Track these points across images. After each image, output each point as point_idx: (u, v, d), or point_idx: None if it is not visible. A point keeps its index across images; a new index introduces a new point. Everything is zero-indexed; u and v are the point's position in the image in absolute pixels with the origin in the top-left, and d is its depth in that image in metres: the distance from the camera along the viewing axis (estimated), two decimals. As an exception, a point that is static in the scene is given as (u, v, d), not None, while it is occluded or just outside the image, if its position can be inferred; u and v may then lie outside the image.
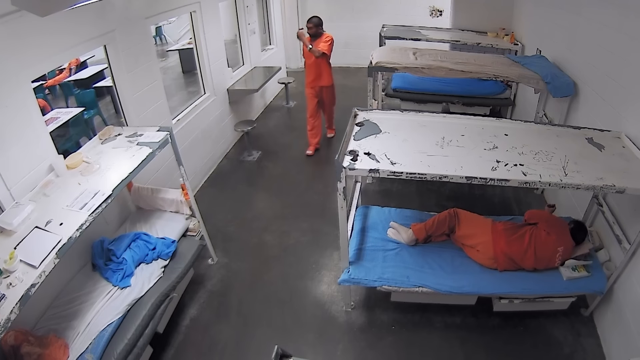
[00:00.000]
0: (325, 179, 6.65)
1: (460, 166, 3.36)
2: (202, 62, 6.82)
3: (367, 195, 6.08)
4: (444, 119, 4.20)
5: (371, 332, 4.24)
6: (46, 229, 3.04)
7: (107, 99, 8.50)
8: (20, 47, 3.42)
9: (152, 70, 5.29)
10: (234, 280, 4.93)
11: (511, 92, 7.55)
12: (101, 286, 3.88)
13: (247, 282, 4.88)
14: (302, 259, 5.17)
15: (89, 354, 3.30)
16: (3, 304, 2.57)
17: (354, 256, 4.24)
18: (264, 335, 4.24)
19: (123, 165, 3.67)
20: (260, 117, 9.24)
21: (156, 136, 4.06)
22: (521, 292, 3.94)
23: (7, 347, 3.06)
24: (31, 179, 3.55)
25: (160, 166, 5.38)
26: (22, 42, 3.44)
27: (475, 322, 4.24)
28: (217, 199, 6.37)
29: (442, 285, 3.94)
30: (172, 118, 5.97)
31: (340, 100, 7.80)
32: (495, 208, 5.79)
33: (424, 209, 5.03)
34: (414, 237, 4.34)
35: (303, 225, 5.72)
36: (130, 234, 4.31)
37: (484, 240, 4.10)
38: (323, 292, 4.72)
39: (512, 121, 4.23)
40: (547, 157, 3.52)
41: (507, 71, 5.45)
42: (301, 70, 11.61)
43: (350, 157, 3.49)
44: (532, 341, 4.05)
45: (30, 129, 3.62)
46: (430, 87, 7.56)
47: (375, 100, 6.46)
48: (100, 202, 3.23)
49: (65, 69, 8.99)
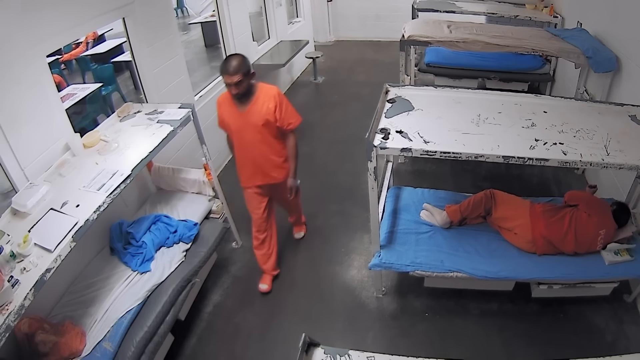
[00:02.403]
0: (355, 158, 6.44)
1: (497, 145, 3.26)
2: (226, 36, 6.68)
3: (399, 176, 5.96)
4: (480, 95, 4.08)
5: (403, 319, 4.15)
6: (62, 211, 2.98)
7: (125, 75, 8.41)
8: (34, 20, 3.32)
9: (173, 44, 5.18)
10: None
11: (550, 67, 7.34)
12: (120, 271, 3.81)
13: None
14: (330, 243, 5.07)
15: (107, 342, 3.22)
16: (17, 289, 2.53)
17: (386, 239, 4.14)
18: (290, 323, 4.16)
19: (143, 144, 3.60)
20: (287, 93, 9.08)
21: (177, 113, 3.98)
22: (561, 277, 3.82)
23: (21, 335, 3.00)
24: (46, 159, 3.48)
25: (182, 145, 5.31)
26: (37, 15, 3.33)
27: (513, 309, 4.12)
28: None
29: (478, 270, 3.83)
30: (195, 94, 5.88)
31: (371, 76, 7.63)
32: (533, 189, 5.62)
33: (458, 189, 4.94)
34: (448, 220, 4.23)
35: (332, 207, 5.61)
36: (150, 216, 4.23)
37: (521, 223, 3.99)
38: (353, 277, 4.62)
39: (552, 98, 4.15)
40: (588, 136, 3.37)
41: (546, 45, 5.33)
42: (330, 44, 11.43)
43: (382, 135, 3.40)
44: (572, 328, 3.92)
45: (45, 106, 3.54)
46: (466, 61, 7.38)
47: (408, 76, 6.33)
48: (119, 183, 3.17)
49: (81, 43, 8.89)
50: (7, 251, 2.67)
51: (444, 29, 5.74)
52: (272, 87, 3.88)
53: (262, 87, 3.85)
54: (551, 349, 3.72)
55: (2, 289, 2.44)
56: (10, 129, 3.19)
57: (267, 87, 3.86)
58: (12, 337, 2.88)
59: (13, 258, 2.66)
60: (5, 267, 2.62)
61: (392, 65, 8.29)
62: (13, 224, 2.96)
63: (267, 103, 3.79)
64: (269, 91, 3.83)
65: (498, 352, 3.79)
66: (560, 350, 3.71)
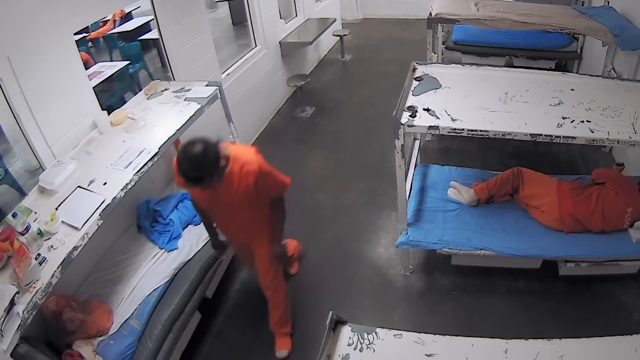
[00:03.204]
0: (383, 136, 6.37)
1: (524, 123, 3.27)
2: (253, 13, 6.63)
3: (426, 154, 5.84)
4: (507, 73, 4.09)
5: (430, 297, 4.12)
6: (89, 189, 3.01)
7: (153, 52, 8.35)
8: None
9: (200, 21, 5.14)
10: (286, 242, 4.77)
11: (577, 45, 7.17)
12: (147, 249, 3.83)
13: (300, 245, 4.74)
14: (358, 221, 5.03)
15: (134, 319, 3.24)
16: (44, 267, 2.55)
17: (413, 217, 4.13)
18: (317, 301, 4.15)
19: (170, 121, 3.61)
20: (314, 71, 9.00)
21: (205, 91, 3.98)
22: (588, 255, 3.79)
23: (49, 312, 3.01)
24: (73, 137, 3.50)
25: (209, 123, 5.16)
26: (65, -7, 3.32)
27: (540, 287, 4.08)
28: (268, 158, 5.98)
29: (506, 247, 3.81)
30: (222, 72, 5.84)
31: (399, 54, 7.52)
32: (560, 167, 5.51)
33: (486, 167, 4.88)
34: (475, 197, 4.22)
35: (359, 185, 5.55)
36: (177, 194, 4.23)
37: (549, 201, 3.97)
38: (380, 255, 4.59)
39: (579, 75, 4.11)
40: (616, 113, 3.36)
41: (573, 23, 5.28)
42: (358, 22, 11.29)
43: (409, 113, 3.42)
44: (599, 307, 3.87)
45: (73, 84, 3.54)
46: (493, 39, 7.24)
47: (435, 54, 6.24)
48: (146, 161, 3.19)
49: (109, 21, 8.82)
50: (35, 229, 2.70)
51: (472, 6, 5.68)
52: (252, 161, 2.91)
53: (237, 159, 2.85)
54: (578, 327, 3.68)
55: (29, 267, 2.46)
56: (37, 107, 3.19)
57: (245, 161, 2.88)
58: (39, 315, 2.87)
59: (40, 236, 2.69)
60: (33, 245, 2.65)
61: (419, 43, 8.12)
62: (40, 201, 2.98)
63: (246, 179, 2.88)
64: (248, 167, 2.87)
65: (525, 329, 3.75)
66: (587, 328, 3.65)
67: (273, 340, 3.70)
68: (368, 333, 2.16)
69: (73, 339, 3.03)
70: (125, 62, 6.87)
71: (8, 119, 3.19)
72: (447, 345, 2.08)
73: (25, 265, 2.45)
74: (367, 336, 2.15)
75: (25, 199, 3.03)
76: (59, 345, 3.05)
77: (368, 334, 2.16)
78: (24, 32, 3.08)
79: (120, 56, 7.66)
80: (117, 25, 8.80)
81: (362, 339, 2.15)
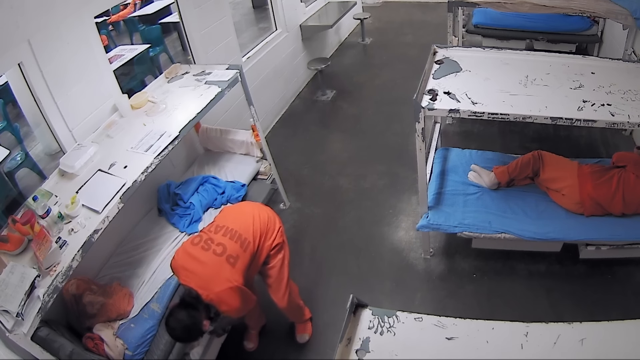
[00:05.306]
0: (403, 120, 6.35)
1: (545, 106, 3.24)
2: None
3: (446, 137, 5.83)
4: (528, 56, 4.04)
5: (451, 280, 4.13)
6: (110, 172, 3.01)
7: (173, 36, 8.31)
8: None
9: (220, 5, 5.10)
10: (307, 225, 4.84)
11: (598, 29, 7.05)
12: (167, 232, 3.83)
13: (321, 228, 4.80)
14: (378, 204, 5.03)
15: (155, 303, 3.23)
16: (64, 250, 2.55)
17: (433, 201, 4.13)
18: (338, 284, 4.17)
19: (190, 105, 3.58)
20: (335, 54, 8.95)
21: (225, 74, 3.94)
22: (609, 238, 3.76)
23: (69, 295, 3.03)
24: (94, 120, 3.49)
25: (230, 106, 5.27)
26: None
27: (561, 270, 4.07)
28: (289, 141, 6.27)
29: (526, 231, 3.81)
30: (242, 56, 5.81)
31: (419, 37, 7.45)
32: (581, 150, 5.48)
33: (506, 151, 4.84)
34: (496, 181, 4.20)
35: (379, 169, 5.54)
36: (197, 177, 4.23)
37: (569, 184, 3.94)
38: (400, 239, 4.59)
39: (599, 59, 4.07)
40: (636, 97, 3.31)
41: (594, 6, 5.13)
42: (378, 5, 11.19)
43: (429, 96, 3.41)
44: (620, 290, 3.86)
45: (93, 67, 3.54)
46: (513, 23, 7.17)
47: (456, 37, 6.17)
48: (167, 144, 3.17)
49: (129, 4, 8.82)
50: (55, 212, 2.69)
51: (492, -11, 5.63)
52: (212, 291, 2.68)
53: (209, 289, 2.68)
54: (599, 310, 3.68)
55: (50, 250, 2.46)
56: (58, 90, 3.19)
57: (219, 296, 2.70)
58: (60, 298, 2.91)
59: (61, 219, 2.69)
60: (53, 228, 2.65)
61: (439, 26, 8.07)
62: (61, 185, 2.98)
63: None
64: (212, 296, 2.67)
65: (546, 313, 3.75)
66: (608, 311, 3.66)
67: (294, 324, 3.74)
68: (388, 316, 2.15)
69: (93, 322, 3.03)
70: (146, 45, 6.87)
71: (29, 102, 3.19)
72: (467, 328, 2.07)
73: (45, 249, 2.46)
74: (388, 319, 2.14)
75: (46, 183, 3.03)
76: (80, 328, 3.06)
77: (388, 317, 2.15)
78: (44, 15, 3.06)
79: (140, 39, 7.67)
80: (137, 8, 8.79)
81: (383, 322, 2.14)
